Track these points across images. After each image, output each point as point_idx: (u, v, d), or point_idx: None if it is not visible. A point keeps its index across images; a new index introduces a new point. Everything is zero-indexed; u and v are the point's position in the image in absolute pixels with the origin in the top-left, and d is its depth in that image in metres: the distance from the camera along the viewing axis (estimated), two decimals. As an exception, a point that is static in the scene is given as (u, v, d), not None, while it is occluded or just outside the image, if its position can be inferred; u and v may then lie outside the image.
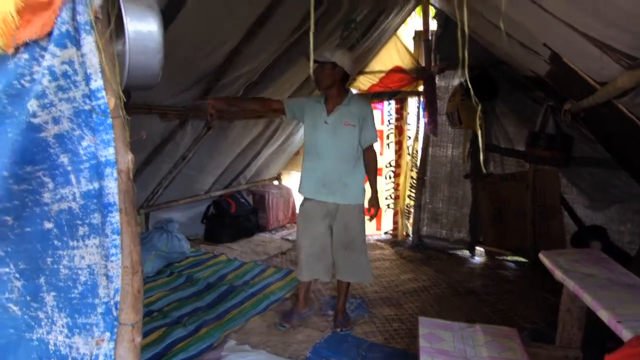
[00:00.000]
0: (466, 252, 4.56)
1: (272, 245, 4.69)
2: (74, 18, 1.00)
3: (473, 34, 3.78)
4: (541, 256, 1.84)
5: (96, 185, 1.09)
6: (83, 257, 1.15)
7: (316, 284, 3.39)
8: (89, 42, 1.01)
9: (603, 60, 1.61)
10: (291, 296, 3.37)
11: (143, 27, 1.04)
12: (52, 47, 1.00)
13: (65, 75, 1.02)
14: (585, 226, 3.86)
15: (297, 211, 2.85)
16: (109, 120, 1.04)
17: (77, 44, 1.01)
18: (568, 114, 3.24)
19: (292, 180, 5.85)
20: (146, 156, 3.44)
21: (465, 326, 1.97)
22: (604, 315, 1.37)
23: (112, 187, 1.08)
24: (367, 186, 2.83)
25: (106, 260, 1.12)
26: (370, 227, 5.07)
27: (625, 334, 1.24)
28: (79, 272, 1.16)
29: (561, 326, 1.87)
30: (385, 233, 5.20)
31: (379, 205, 2.81)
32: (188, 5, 2.15)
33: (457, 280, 3.82)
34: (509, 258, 4.40)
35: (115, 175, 1.07)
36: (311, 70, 2.17)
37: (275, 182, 5.83)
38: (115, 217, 1.09)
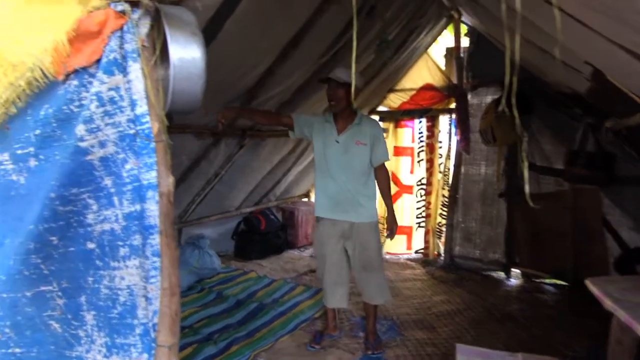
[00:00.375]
0: (501, 274, 4.40)
1: (301, 262, 4.67)
2: (121, 46, 1.04)
3: (506, 49, 3.72)
4: (588, 283, 1.75)
5: (138, 207, 1.12)
6: (123, 278, 1.17)
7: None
8: (135, 69, 1.04)
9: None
10: (320, 316, 3.33)
11: (187, 54, 1.07)
12: (100, 74, 1.04)
13: (111, 101, 1.06)
14: (630, 249, 3.67)
15: (314, 235, 2.84)
16: (152, 145, 1.07)
17: (124, 71, 1.05)
18: (610, 131, 3.12)
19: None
20: (181, 174, 3.52)
21: (505, 354, 1.89)
22: (660, 349, 1.28)
23: (153, 209, 1.10)
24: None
25: (146, 282, 1.13)
26: (400, 246, 5.02)
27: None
28: (119, 292, 1.18)
29: (611, 358, 1.76)
30: (416, 252, 5.10)
31: (396, 222, 2.78)
32: (226, 27, 2.21)
33: (493, 303, 3.68)
34: (547, 281, 4.22)
35: (156, 198, 1.09)
36: (352, 94, 2.18)
37: (305, 199, 5.84)
38: (155, 239, 1.11)
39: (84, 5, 1.05)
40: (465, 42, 4.41)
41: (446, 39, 4.97)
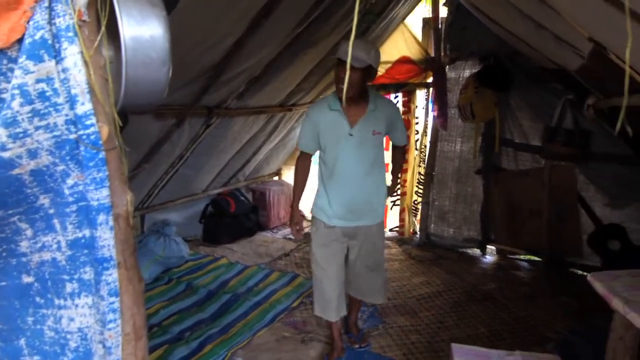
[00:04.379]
0: (477, 251, 4.39)
1: (274, 245, 4.48)
2: (51, 21, 0.75)
3: (489, 21, 3.54)
4: (591, 279, 1.64)
5: (86, 233, 0.86)
6: (72, 319, 0.92)
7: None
8: (72, 53, 0.76)
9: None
10: (299, 305, 3.19)
11: (144, 32, 0.79)
12: (23, 60, 0.76)
13: (42, 96, 0.78)
14: (603, 225, 3.70)
15: (312, 235, 2.42)
16: (102, 155, 0.81)
17: (57, 56, 0.76)
18: (591, 108, 3.04)
19: (292, 175, 5.63)
20: (142, 157, 3.19)
21: (503, 354, 1.79)
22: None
23: (107, 237, 0.85)
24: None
25: (103, 327, 0.89)
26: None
27: None
28: (68, 336, 0.94)
29: (611, 355, 1.69)
30: (391, 230, 5.01)
31: (391, 194, 2.79)
32: (186, -5, 1.89)
33: (472, 283, 3.64)
34: (522, 257, 4.24)
35: (110, 222, 0.84)
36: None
37: (276, 178, 5.60)
38: (112, 275, 0.86)
39: (-7, -38, 0.75)
40: (443, 12, 4.19)
41: (423, 8, 4.74)
